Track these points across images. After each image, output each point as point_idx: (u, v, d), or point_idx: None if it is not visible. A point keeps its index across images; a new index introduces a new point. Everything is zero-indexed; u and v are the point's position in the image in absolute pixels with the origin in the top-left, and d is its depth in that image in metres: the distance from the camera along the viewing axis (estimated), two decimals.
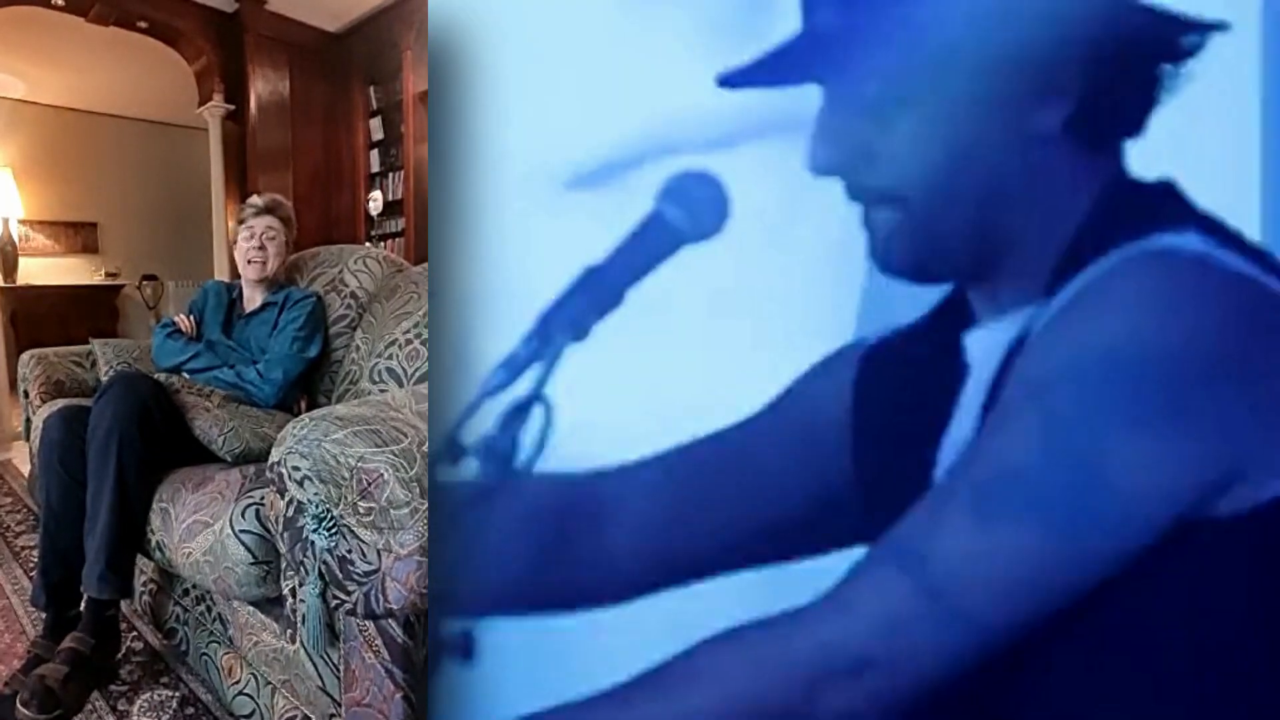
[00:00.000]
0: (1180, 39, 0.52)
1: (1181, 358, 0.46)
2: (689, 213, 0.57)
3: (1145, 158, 0.54)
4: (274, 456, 1.25)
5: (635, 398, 0.61)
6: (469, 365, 0.58)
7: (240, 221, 2.20)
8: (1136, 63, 0.52)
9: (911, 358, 0.60)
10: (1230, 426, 0.45)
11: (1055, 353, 0.50)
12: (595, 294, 0.56)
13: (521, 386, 0.54)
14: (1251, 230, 0.51)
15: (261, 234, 2.14)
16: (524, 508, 0.65)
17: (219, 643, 1.62)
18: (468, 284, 0.63)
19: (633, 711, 0.53)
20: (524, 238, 0.63)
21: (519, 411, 0.54)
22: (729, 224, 0.56)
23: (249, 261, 2.14)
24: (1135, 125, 0.54)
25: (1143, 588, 0.47)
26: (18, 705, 1.48)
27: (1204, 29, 0.51)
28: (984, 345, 0.57)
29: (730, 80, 0.54)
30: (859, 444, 0.61)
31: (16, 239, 6.46)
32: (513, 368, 0.54)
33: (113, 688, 1.68)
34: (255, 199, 2.22)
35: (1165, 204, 0.52)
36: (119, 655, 1.76)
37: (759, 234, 0.57)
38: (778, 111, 0.55)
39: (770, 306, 0.60)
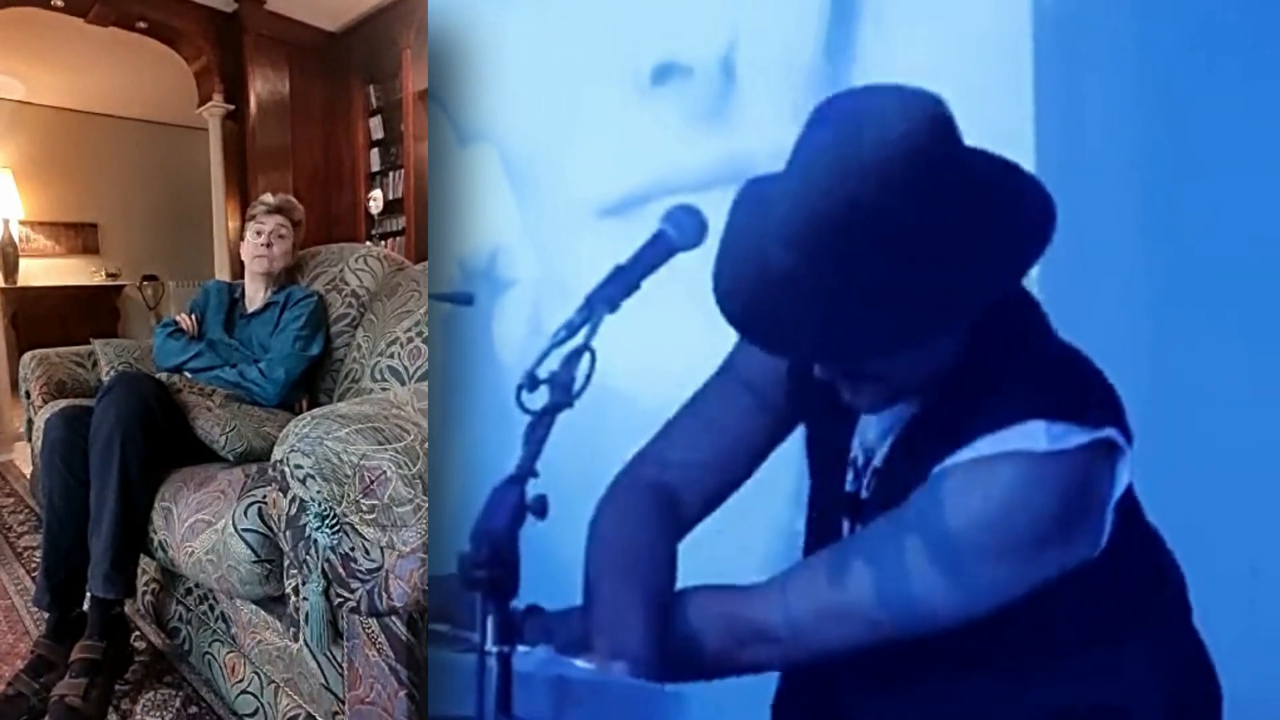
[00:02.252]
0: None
1: (1023, 526, 0.71)
2: (680, 231, 0.84)
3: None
4: (276, 454, 1.25)
5: (646, 346, 0.92)
6: (540, 330, 0.91)
7: (250, 218, 2.22)
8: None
9: None
10: (1042, 565, 0.71)
11: (943, 499, 0.73)
12: (622, 282, 0.83)
13: (576, 340, 0.81)
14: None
15: (271, 231, 2.16)
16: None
17: (222, 642, 1.62)
18: (541, 279, 1.00)
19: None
20: (575, 248, 0.98)
21: (574, 355, 0.80)
22: (706, 238, 0.84)
23: (255, 256, 2.15)
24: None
25: (1011, 619, 0.72)
26: None
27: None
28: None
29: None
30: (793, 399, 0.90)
31: (17, 240, 6.47)
32: (570, 328, 0.81)
33: (116, 687, 1.67)
34: (268, 197, 2.24)
35: (1016, 377, 0.75)
36: (131, 648, 1.76)
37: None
38: (737, 169, 0.83)
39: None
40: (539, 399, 0.80)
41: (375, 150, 5.82)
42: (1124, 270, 0.87)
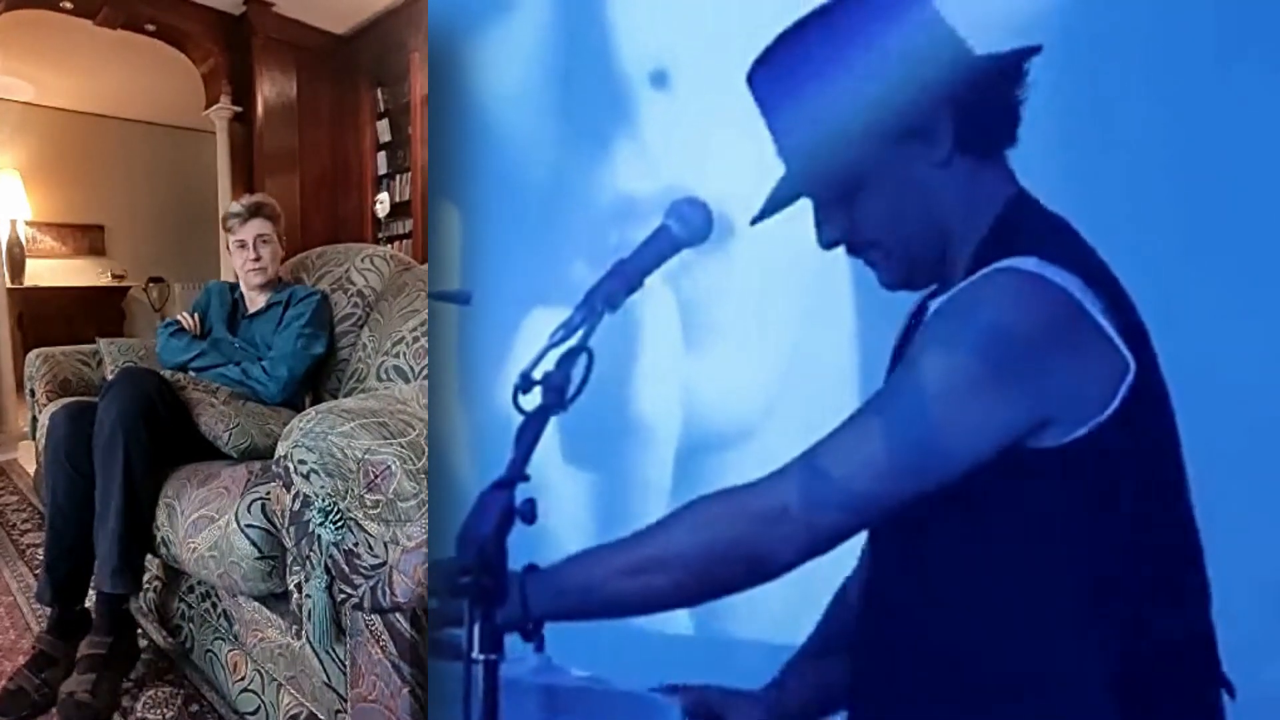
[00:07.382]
0: (1013, 68, 0.73)
1: (1010, 344, 0.69)
2: (685, 226, 0.81)
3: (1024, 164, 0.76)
4: (280, 449, 1.24)
5: (647, 349, 0.90)
6: (536, 331, 0.84)
7: (227, 230, 2.14)
8: (988, 93, 0.74)
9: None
10: (1039, 391, 0.68)
11: (933, 331, 0.73)
12: (623, 279, 0.80)
13: (573, 340, 0.78)
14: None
15: (254, 241, 2.11)
16: None
17: (224, 639, 1.62)
18: (544, 282, 0.94)
19: (645, 547, 0.77)
20: (575, 244, 0.93)
21: (570, 356, 0.78)
22: (712, 233, 0.81)
23: (248, 271, 2.12)
24: (1009, 138, 0.75)
25: (986, 487, 0.70)
26: None
27: (1027, 54, 0.72)
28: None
29: (758, 218, 0.80)
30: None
31: (24, 241, 6.49)
32: (568, 328, 0.78)
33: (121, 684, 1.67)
34: (236, 205, 2.16)
35: (1027, 227, 0.73)
36: (137, 644, 1.75)
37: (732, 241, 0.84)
38: None
39: (737, 285, 0.89)
40: (532, 401, 0.77)
41: (383, 153, 5.84)
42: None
